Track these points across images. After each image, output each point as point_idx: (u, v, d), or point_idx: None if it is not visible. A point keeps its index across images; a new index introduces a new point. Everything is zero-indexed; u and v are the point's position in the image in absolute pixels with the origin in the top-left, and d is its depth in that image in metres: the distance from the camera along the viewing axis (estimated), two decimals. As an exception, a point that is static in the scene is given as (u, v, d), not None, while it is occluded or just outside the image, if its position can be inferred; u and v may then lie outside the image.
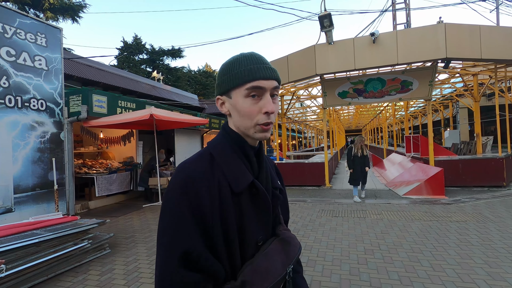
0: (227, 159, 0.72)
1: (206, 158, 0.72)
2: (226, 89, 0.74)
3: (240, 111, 0.73)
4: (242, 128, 0.75)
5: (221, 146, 0.75)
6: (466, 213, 5.35)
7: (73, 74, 9.19)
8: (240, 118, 0.74)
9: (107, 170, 7.52)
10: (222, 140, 0.76)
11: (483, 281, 2.87)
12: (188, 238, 0.64)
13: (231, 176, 0.70)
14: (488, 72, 9.17)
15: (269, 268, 0.70)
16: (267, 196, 0.75)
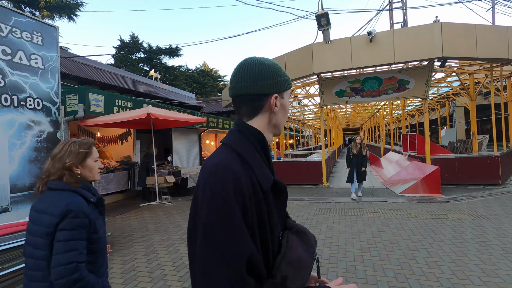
0: (253, 157, 0.75)
1: (236, 157, 0.72)
2: (282, 89, 0.82)
3: (287, 110, 0.86)
4: (281, 125, 0.86)
5: (247, 146, 0.76)
6: (461, 211, 5.40)
7: (70, 73, 9.15)
8: (284, 116, 0.86)
9: (104, 169, 7.50)
10: (245, 139, 0.78)
11: (477, 277, 2.91)
12: (249, 242, 0.65)
13: (260, 174, 0.73)
14: (484, 71, 9.23)
15: (301, 259, 0.74)
16: (287, 191, 0.81)
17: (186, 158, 11.45)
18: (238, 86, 0.79)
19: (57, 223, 1.25)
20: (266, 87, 0.78)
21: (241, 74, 0.79)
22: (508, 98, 9.82)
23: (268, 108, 0.80)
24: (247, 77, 0.78)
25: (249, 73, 0.78)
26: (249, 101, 0.79)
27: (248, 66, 0.79)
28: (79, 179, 1.41)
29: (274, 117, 0.82)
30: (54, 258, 1.22)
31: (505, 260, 3.27)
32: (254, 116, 0.81)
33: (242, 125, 0.80)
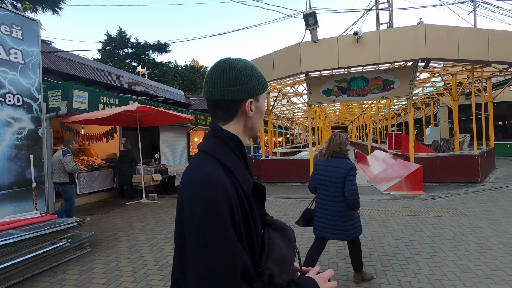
0: (234, 163, 0.75)
1: (220, 166, 0.72)
2: (257, 93, 0.81)
3: (263, 112, 0.86)
4: (257, 127, 0.85)
5: (226, 151, 0.77)
6: (442, 208, 5.58)
7: (53, 68, 8.89)
8: (260, 119, 0.85)
9: (89, 167, 7.36)
10: (223, 144, 0.77)
11: (452, 273, 3.02)
12: (242, 252, 0.67)
13: (241, 179, 0.74)
14: (466, 72, 9.50)
15: (284, 255, 0.77)
16: (265, 191, 0.83)
17: (174, 156, 11.35)
18: (212, 91, 0.78)
19: (346, 173, 2.65)
20: (241, 92, 0.77)
21: (214, 78, 0.77)
22: (488, 99, 10.15)
23: (243, 112, 0.79)
24: (221, 81, 0.76)
25: (222, 77, 0.76)
26: (224, 107, 0.78)
27: (222, 70, 0.77)
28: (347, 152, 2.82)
29: (249, 121, 0.82)
30: (347, 187, 2.62)
31: (480, 256, 3.41)
32: (230, 121, 0.80)
33: (218, 130, 0.80)
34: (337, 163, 2.72)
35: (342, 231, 2.69)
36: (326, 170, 2.76)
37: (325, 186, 2.75)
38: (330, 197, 2.72)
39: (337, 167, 2.70)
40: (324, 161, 2.82)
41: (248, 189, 0.74)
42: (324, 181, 2.76)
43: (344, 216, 2.68)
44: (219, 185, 0.66)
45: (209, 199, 0.65)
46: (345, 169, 2.65)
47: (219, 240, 0.63)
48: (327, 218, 2.74)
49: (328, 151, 2.80)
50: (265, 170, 9.49)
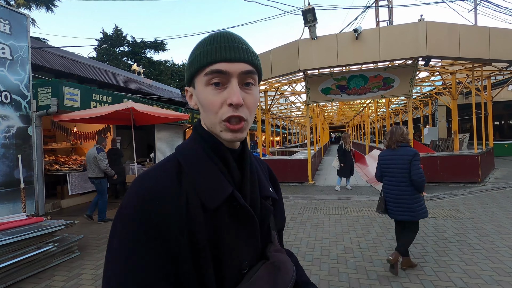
0: (198, 168, 0.58)
1: (173, 167, 0.58)
2: (190, 76, 0.62)
3: (201, 104, 0.60)
4: (209, 126, 0.61)
5: (192, 151, 0.60)
6: (443, 209, 5.45)
7: (44, 65, 8.65)
8: (204, 113, 0.61)
9: (81, 167, 7.15)
10: (193, 144, 0.62)
11: (459, 279, 2.88)
12: (144, 271, 0.50)
13: (204, 188, 0.56)
14: (465, 71, 9.40)
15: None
16: (249, 210, 0.59)
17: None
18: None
19: (411, 159, 2.92)
20: (186, 79, 0.65)
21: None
22: (487, 98, 10.06)
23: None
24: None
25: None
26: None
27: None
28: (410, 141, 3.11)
29: (201, 115, 0.65)
30: (414, 171, 2.92)
31: (486, 260, 3.27)
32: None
33: (195, 126, 0.65)
34: (402, 151, 3.06)
35: (412, 212, 3.00)
36: (392, 158, 3.13)
37: (392, 173, 3.11)
38: (398, 182, 3.06)
39: (402, 154, 3.04)
40: (389, 151, 3.19)
41: (212, 200, 0.55)
42: (391, 168, 3.12)
43: (412, 199, 2.99)
44: (150, 187, 0.53)
45: (130, 199, 0.53)
46: (410, 155, 2.98)
47: (120, 246, 0.50)
48: (397, 201, 3.08)
49: (392, 141, 3.14)
50: (262, 170, 9.31)
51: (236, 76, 0.57)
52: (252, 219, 0.60)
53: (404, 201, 3.02)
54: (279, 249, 0.66)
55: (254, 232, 0.61)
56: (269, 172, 0.81)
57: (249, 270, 0.59)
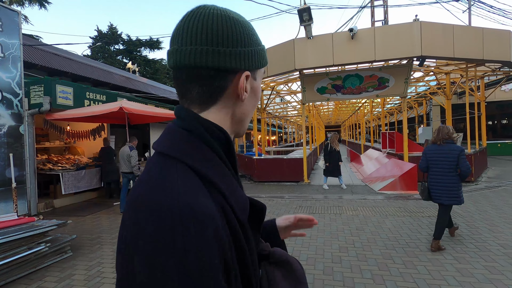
0: (222, 175, 0.48)
1: (197, 179, 0.44)
2: (257, 64, 0.53)
3: (258, 98, 0.59)
4: (248, 120, 0.58)
5: (207, 154, 0.48)
6: (437, 208, 5.47)
7: (37, 63, 8.51)
8: (253, 108, 0.58)
9: (75, 166, 7.06)
10: (201, 144, 0.48)
11: (452, 277, 2.90)
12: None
13: (235, 201, 0.47)
14: (459, 71, 9.48)
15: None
16: (264, 212, 0.56)
17: (165, 154, 11.05)
18: (184, 51, 0.48)
19: (459, 154, 3.45)
20: (235, 57, 0.49)
21: (191, 30, 0.48)
22: (481, 98, 10.17)
23: (233, 92, 0.51)
24: (202, 36, 0.47)
25: (205, 29, 0.47)
26: (204, 79, 0.49)
27: (205, 18, 0.48)
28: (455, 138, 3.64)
29: (240, 108, 0.54)
30: (463, 164, 3.43)
31: (479, 258, 3.30)
32: (211, 105, 0.51)
33: (192, 120, 0.50)
34: (449, 147, 3.58)
35: (456, 198, 3.55)
36: (439, 153, 3.63)
37: (439, 165, 3.61)
38: (445, 173, 3.56)
39: (450, 150, 3.56)
40: (436, 146, 3.68)
41: (244, 213, 0.48)
42: (438, 160, 3.61)
43: (457, 187, 3.54)
44: (207, 224, 0.39)
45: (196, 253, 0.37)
46: (458, 151, 3.52)
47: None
48: (443, 188, 3.58)
49: (439, 138, 3.65)
50: (258, 169, 9.30)
51: None
52: (262, 221, 0.57)
53: (451, 189, 3.55)
54: (268, 244, 0.63)
55: (259, 234, 0.58)
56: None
57: (262, 276, 0.56)
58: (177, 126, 0.50)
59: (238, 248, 0.44)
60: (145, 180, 0.45)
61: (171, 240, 0.37)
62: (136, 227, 0.39)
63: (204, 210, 0.40)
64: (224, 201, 0.45)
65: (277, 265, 0.57)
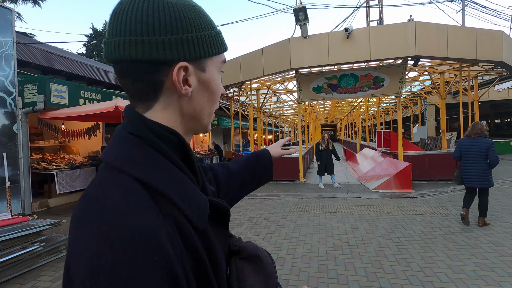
0: (173, 183, 0.43)
1: (142, 192, 0.40)
2: (205, 53, 0.47)
3: (214, 92, 0.51)
4: (204, 117, 0.52)
5: (157, 161, 0.44)
6: (431, 206, 5.56)
7: (31, 61, 8.43)
8: (209, 103, 0.51)
9: (70, 165, 7.02)
10: (150, 149, 0.44)
11: (444, 274, 2.94)
12: None
13: (189, 208, 0.43)
14: (453, 71, 9.59)
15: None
16: (229, 213, 0.54)
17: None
18: (113, 42, 0.44)
19: (489, 146, 4.12)
20: (165, 47, 0.43)
21: (118, 18, 0.44)
22: (474, 98, 10.29)
23: (173, 87, 0.46)
24: (127, 25, 0.43)
25: (131, 17, 0.43)
26: (138, 74, 0.44)
27: (133, 4, 0.43)
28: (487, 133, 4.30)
29: (189, 104, 0.49)
30: (492, 155, 4.11)
31: (470, 256, 3.35)
32: (154, 103, 0.47)
33: (138, 123, 0.46)
34: (481, 140, 4.22)
35: (486, 182, 4.20)
36: (473, 145, 4.27)
37: (472, 155, 4.26)
38: (477, 161, 4.23)
39: (482, 142, 4.20)
40: (469, 139, 4.33)
41: (201, 220, 0.45)
42: (472, 151, 4.26)
43: (487, 173, 4.20)
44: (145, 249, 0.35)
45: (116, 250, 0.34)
46: (489, 143, 4.16)
47: None
48: (475, 174, 4.24)
49: (473, 132, 4.30)
50: (254, 168, 9.32)
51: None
52: (228, 221, 0.54)
53: (482, 174, 4.20)
54: (238, 239, 0.61)
55: (227, 231, 0.56)
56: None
57: (231, 273, 0.54)
58: (125, 130, 0.46)
59: (194, 259, 0.42)
60: (84, 199, 0.41)
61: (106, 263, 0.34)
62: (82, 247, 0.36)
63: (151, 232, 0.36)
64: (176, 211, 0.42)
65: (247, 260, 0.56)
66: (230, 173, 0.81)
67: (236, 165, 0.85)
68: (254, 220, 5.07)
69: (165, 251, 0.36)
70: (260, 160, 0.89)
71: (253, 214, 5.45)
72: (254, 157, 0.89)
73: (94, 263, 0.34)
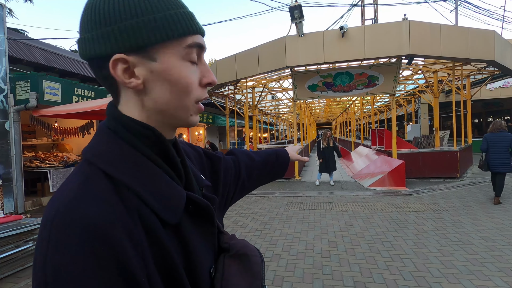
0: (140, 174, 0.44)
1: (102, 183, 0.41)
2: (144, 41, 0.43)
3: (177, 82, 0.46)
4: (174, 110, 0.48)
5: (122, 154, 0.44)
6: (424, 203, 5.64)
7: (23, 58, 8.30)
8: (174, 95, 0.47)
9: (63, 163, 6.95)
10: (121, 142, 0.45)
11: (436, 269, 3.00)
12: None
13: (156, 199, 0.43)
14: (446, 70, 9.70)
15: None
16: (210, 208, 0.52)
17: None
18: (79, 40, 0.47)
19: (511, 139, 5.26)
20: (99, 40, 0.43)
21: (82, 15, 0.46)
22: (467, 97, 10.44)
23: (120, 82, 0.46)
24: (82, 23, 0.45)
25: (84, 14, 0.45)
26: (94, 71, 0.47)
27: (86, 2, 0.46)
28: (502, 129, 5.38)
29: (148, 97, 0.47)
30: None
31: (462, 251, 3.42)
32: (119, 97, 0.48)
33: (112, 115, 0.48)
34: (504, 134, 5.29)
35: (508, 167, 5.23)
36: (497, 137, 5.30)
37: (497, 146, 5.27)
38: (500, 151, 5.26)
39: (505, 136, 5.26)
40: (493, 134, 5.38)
41: (171, 214, 0.44)
42: (496, 143, 5.28)
43: (509, 161, 5.20)
44: (91, 218, 0.36)
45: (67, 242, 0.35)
46: (510, 137, 5.23)
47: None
48: (500, 161, 5.25)
49: (495, 128, 5.38)
50: (249, 166, 9.34)
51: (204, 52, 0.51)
52: (212, 217, 0.53)
53: (505, 161, 5.23)
54: (231, 236, 0.60)
55: (213, 229, 0.55)
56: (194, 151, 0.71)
57: (216, 271, 0.52)
58: (104, 125, 0.48)
59: (161, 252, 0.42)
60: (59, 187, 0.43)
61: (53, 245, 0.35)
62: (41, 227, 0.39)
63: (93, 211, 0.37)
64: (142, 204, 0.42)
65: (234, 258, 0.54)
66: (253, 164, 0.84)
67: (259, 157, 0.89)
68: (249, 218, 5.09)
69: (116, 242, 0.36)
70: (279, 159, 0.96)
71: (249, 212, 5.47)
72: (274, 155, 0.95)
73: (43, 251, 0.36)
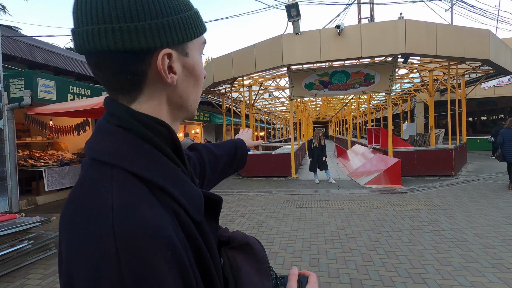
0: (169, 175, 0.43)
1: (136, 186, 0.39)
2: (186, 36, 0.44)
3: (199, 77, 0.49)
4: (191, 103, 0.50)
5: (146, 154, 0.42)
6: (419, 201, 5.69)
7: (16, 55, 8.19)
8: (195, 89, 0.49)
9: (58, 162, 6.89)
10: (141, 142, 0.42)
11: (431, 266, 3.03)
12: None
13: (186, 200, 0.43)
14: (442, 69, 9.77)
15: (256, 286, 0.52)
16: (220, 203, 0.52)
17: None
18: (84, 32, 0.39)
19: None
20: (146, 33, 0.40)
21: (89, 3, 0.39)
22: (462, 95, 10.53)
23: (157, 76, 0.43)
24: (99, 11, 0.38)
25: (104, 1, 0.38)
26: (117, 65, 0.41)
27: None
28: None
29: (175, 92, 0.47)
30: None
31: (457, 248, 3.46)
32: (138, 94, 0.44)
33: (126, 116, 0.43)
34: None
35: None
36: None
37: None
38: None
39: None
40: (509, 130, 6.10)
41: (198, 212, 0.44)
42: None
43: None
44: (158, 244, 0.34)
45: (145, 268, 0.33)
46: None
47: None
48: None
49: (510, 125, 6.12)
50: (246, 164, 9.34)
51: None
52: (218, 213, 0.53)
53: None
54: (225, 230, 0.60)
55: (217, 224, 0.55)
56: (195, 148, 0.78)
57: (224, 263, 0.53)
58: (111, 124, 0.43)
59: (195, 250, 0.42)
60: (75, 200, 0.38)
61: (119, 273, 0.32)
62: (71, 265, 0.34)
63: (151, 224, 0.35)
64: (175, 205, 0.41)
65: (237, 249, 0.55)
66: (215, 158, 0.83)
67: (219, 151, 0.88)
68: (246, 216, 5.10)
69: (174, 243, 0.36)
70: (238, 150, 0.98)
71: (246, 210, 5.48)
72: (233, 147, 0.96)
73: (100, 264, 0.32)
